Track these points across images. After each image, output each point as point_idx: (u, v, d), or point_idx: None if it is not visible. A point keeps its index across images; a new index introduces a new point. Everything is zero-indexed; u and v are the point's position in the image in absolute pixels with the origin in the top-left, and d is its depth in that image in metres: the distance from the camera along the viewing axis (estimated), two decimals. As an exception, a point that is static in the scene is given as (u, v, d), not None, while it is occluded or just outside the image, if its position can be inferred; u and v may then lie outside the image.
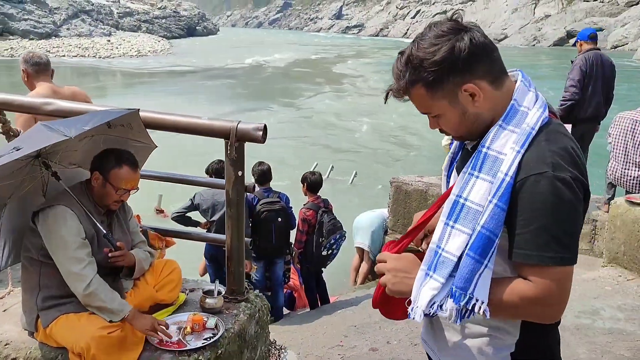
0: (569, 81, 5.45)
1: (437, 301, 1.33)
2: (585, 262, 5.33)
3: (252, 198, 4.92)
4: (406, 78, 1.34)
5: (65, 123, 2.25)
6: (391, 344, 3.55)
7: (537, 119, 1.31)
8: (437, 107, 1.37)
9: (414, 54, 1.32)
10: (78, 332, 2.22)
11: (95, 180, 2.39)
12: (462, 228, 1.31)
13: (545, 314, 1.31)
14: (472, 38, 1.29)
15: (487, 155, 1.31)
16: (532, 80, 1.42)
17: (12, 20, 45.60)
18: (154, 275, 2.70)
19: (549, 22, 60.06)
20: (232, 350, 2.60)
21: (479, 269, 1.27)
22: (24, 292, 2.43)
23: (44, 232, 2.27)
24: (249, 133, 2.63)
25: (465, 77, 1.30)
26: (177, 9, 75.72)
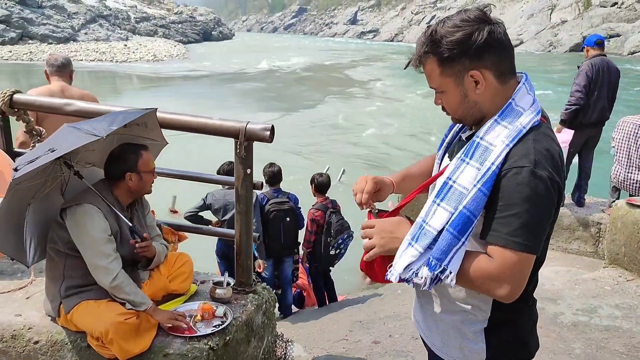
0: (575, 86, 5.53)
1: (414, 268, 1.47)
2: (590, 264, 5.42)
3: (262, 198, 5.07)
4: (424, 49, 1.48)
5: (90, 124, 2.39)
6: (393, 337, 3.69)
7: (530, 120, 1.45)
8: (443, 84, 1.50)
9: (437, 30, 1.46)
10: (97, 317, 2.38)
11: (131, 180, 2.55)
12: (446, 206, 1.45)
13: (498, 291, 1.40)
14: (491, 31, 1.42)
15: (479, 144, 1.46)
16: (534, 85, 1.56)
17: (32, 24, 46.43)
18: (168, 267, 2.86)
19: (565, 28, 59.75)
20: (240, 338, 2.74)
21: (456, 244, 1.41)
22: (49, 281, 2.60)
23: (71, 228, 2.43)
24: (257, 133, 2.78)
25: (474, 63, 1.44)
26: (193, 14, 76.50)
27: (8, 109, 3.12)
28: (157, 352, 2.47)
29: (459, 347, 1.61)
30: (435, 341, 1.69)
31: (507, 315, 1.56)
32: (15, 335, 2.61)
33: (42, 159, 2.22)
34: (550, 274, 4.78)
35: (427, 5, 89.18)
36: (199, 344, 2.51)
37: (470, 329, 1.58)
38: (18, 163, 2.31)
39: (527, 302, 1.60)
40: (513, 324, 1.58)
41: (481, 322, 1.56)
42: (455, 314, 1.60)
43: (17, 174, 2.23)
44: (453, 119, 1.62)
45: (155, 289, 2.76)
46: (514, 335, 1.59)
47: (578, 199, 5.94)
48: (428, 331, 1.73)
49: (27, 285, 3.01)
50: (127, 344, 2.36)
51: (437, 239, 1.44)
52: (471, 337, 1.58)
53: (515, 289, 1.40)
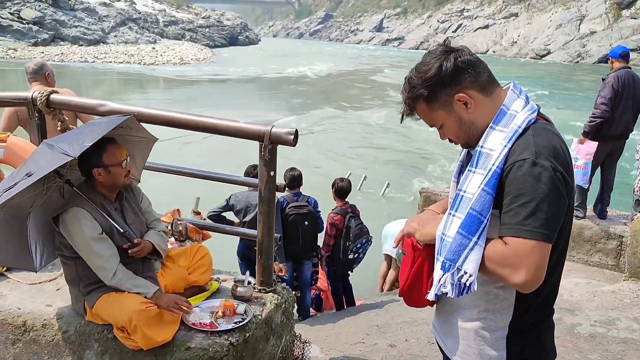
0: (600, 98, 5.50)
1: (442, 281, 1.54)
2: (610, 277, 5.39)
3: (282, 201, 5.16)
4: (409, 98, 1.62)
5: (65, 140, 2.46)
6: (409, 341, 3.73)
7: (524, 119, 1.52)
8: (437, 118, 1.62)
9: (412, 76, 1.61)
10: (120, 307, 2.49)
11: (99, 176, 2.58)
12: (459, 215, 1.52)
13: (514, 277, 1.41)
14: (457, 57, 1.55)
15: (481, 153, 1.54)
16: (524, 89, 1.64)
17: (64, 26, 47.46)
18: (187, 259, 2.96)
19: (594, 39, 59.03)
20: (259, 336, 2.82)
21: (467, 244, 1.47)
22: (68, 284, 2.71)
23: (65, 234, 2.52)
24: (281, 136, 2.87)
25: (455, 88, 1.56)
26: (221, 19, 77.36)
27: (45, 108, 3.26)
28: (180, 345, 2.56)
29: (478, 354, 1.63)
30: (454, 348, 1.71)
31: (527, 323, 1.60)
32: (46, 324, 2.72)
33: (20, 184, 2.27)
34: (569, 286, 4.78)
35: (453, 13, 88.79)
36: (219, 339, 2.59)
37: (490, 336, 1.61)
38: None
39: (547, 311, 1.64)
40: (533, 332, 1.62)
41: (502, 329, 1.60)
42: (476, 321, 1.63)
43: None
44: (462, 146, 1.70)
45: (174, 279, 2.85)
46: (533, 343, 1.62)
47: (600, 211, 5.91)
48: (446, 337, 1.75)
49: (57, 278, 3.13)
50: (150, 331, 2.45)
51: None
52: (491, 344, 1.60)
53: (531, 277, 1.40)
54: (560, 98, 27.99)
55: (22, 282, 3.05)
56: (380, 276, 6.86)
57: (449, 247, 1.52)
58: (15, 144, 3.29)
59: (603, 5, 61.71)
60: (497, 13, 79.02)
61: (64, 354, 2.69)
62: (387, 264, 6.76)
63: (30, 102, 3.31)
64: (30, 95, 3.30)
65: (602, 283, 4.93)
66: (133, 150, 2.84)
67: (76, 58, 41.53)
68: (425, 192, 6.94)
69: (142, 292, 2.55)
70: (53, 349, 2.71)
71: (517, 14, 74.01)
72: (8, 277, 3.10)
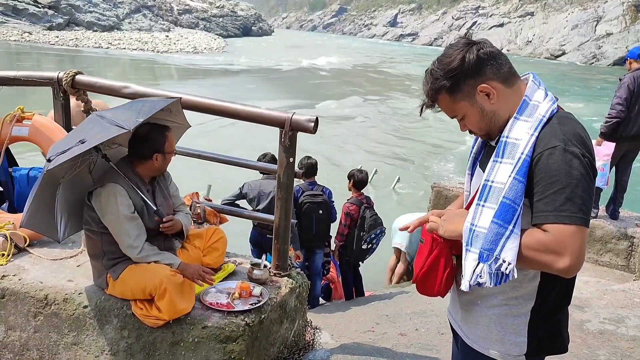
0: (616, 99, 5.49)
1: (478, 272, 1.55)
2: (620, 277, 5.40)
3: (297, 190, 5.20)
4: (432, 89, 1.63)
5: (118, 114, 2.53)
6: (419, 331, 3.77)
7: (548, 109, 1.55)
8: (460, 109, 1.64)
9: (434, 68, 1.63)
10: (150, 274, 2.56)
11: (156, 160, 2.69)
12: (490, 205, 1.54)
13: (558, 264, 1.43)
14: (479, 49, 1.58)
15: (506, 143, 1.56)
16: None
17: (79, 12, 47.71)
18: (203, 241, 3.03)
19: (610, 41, 58.51)
20: (274, 318, 2.88)
21: (503, 232, 1.48)
22: (91, 258, 2.78)
23: (98, 209, 2.60)
24: (302, 124, 2.92)
25: (477, 80, 1.58)
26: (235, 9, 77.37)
27: (70, 88, 3.33)
28: (196, 324, 2.63)
29: (500, 340, 1.65)
30: (473, 334, 1.73)
31: (549, 309, 1.63)
32: (67, 298, 2.79)
33: (73, 149, 2.36)
34: (579, 283, 4.76)
35: (468, 11, 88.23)
36: (235, 319, 2.65)
37: (512, 322, 1.64)
38: (50, 154, 2.45)
39: (567, 299, 1.67)
40: (553, 318, 1.65)
41: (524, 315, 1.62)
42: (499, 307, 1.65)
43: (50, 165, 2.38)
44: (482, 137, 1.73)
45: (189, 260, 2.90)
46: (553, 329, 1.66)
47: (612, 211, 5.91)
48: (465, 324, 1.77)
49: (77, 255, 3.20)
50: (177, 298, 2.54)
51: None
52: (513, 330, 1.63)
53: (575, 261, 1.42)
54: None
55: (44, 257, 3.12)
56: (388, 269, 6.90)
57: (484, 237, 1.53)
58: (40, 122, 3.36)
59: (620, 7, 61.08)
60: (513, 12, 78.43)
61: (84, 327, 2.76)
62: (396, 257, 6.80)
63: (55, 82, 3.38)
64: (56, 76, 3.36)
65: (612, 282, 4.95)
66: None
67: (90, 44, 41.73)
68: (437, 186, 6.96)
69: (168, 262, 2.64)
70: (73, 323, 2.78)
71: (533, 13, 73.45)
72: (30, 253, 3.17)
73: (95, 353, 2.76)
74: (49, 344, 2.83)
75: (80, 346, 2.79)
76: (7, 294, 2.86)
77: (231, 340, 2.60)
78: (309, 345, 3.41)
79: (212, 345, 2.61)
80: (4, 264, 3.03)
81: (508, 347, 1.64)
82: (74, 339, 2.79)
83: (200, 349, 2.62)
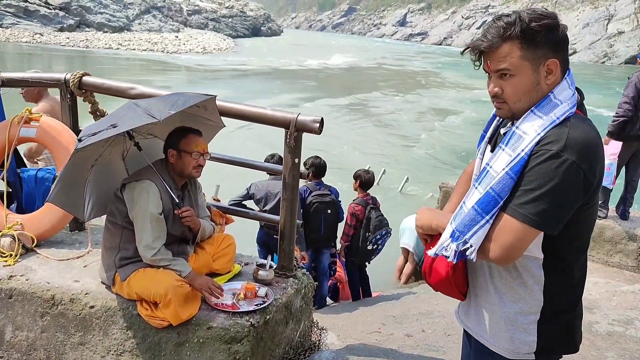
0: (623, 98, 5.44)
1: (445, 244, 1.60)
2: (630, 278, 5.34)
3: (305, 190, 5.20)
4: (511, 30, 1.49)
5: (152, 104, 2.58)
6: (426, 332, 3.76)
7: (564, 112, 1.51)
8: (520, 67, 1.51)
9: (522, 16, 1.50)
10: (157, 281, 2.58)
11: (172, 157, 2.73)
12: (480, 188, 1.56)
13: (489, 252, 1.52)
14: (565, 28, 1.53)
15: (514, 133, 1.54)
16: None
17: (89, 13, 48.04)
18: (214, 246, 3.03)
19: (622, 39, 58.03)
20: (279, 319, 2.88)
21: (479, 220, 1.51)
22: (105, 250, 2.80)
23: (128, 202, 2.64)
24: (307, 124, 2.91)
25: (553, 53, 1.52)
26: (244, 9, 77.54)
27: (77, 89, 3.35)
28: (202, 324, 2.63)
29: (509, 338, 1.64)
30: (483, 332, 1.72)
31: (559, 309, 1.62)
32: (73, 299, 2.81)
33: (103, 132, 2.43)
34: (588, 285, 4.70)
35: (478, 10, 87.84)
36: (240, 320, 2.65)
37: (523, 321, 1.62)
38: (82, 134, 2.54)
39: (577, 298, 1.67)
40: (564, 317, 1.64)
41: (534, 314, 1.62)
42: (509, 306, 1.64)
43: (80, 144, 2.46)
44: (505, 111, 1.61)
45: (199, 265, 2.92)
46: (563, 328, 1.65)
47: (622, 212, 5.85)
48: (476, 324, 1.75)
49: (84, 255, 3.22)
50: (180, 308, 2.55)
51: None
52: (523, 329, 1.62)
53: (504, 253, 1.49)
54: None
55: (51, 258, 3.14)
56: (396, 269, 6.88)
57: (462, 218, 1.56)
58: (48, 124, 3.38)
59: (632, 5, 60.55)
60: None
61: (90, 328, 2.78)
62: (404, 257, 6.78)
63: (63, 83, 3.40)
64: (63, 77, 3.38)
65: (621, 283, 4.91)
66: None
67: (100, 45, 41.99)
68: (445, 186, 6.93)
69: (179, 269, 2.64)
70: (80, 323, 2.79)
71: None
72: (38, 253, 3.20)
73: (101, 353, 2.78)
74: (55, 344, 2.85)
75: (87, 346, 2.80)
76: (15, 294, 2.89)
77: (236, 341, 2.61)
78: (315, 346, 3.41)
79: (217, 346, 2.61)
80: (12, 264, 3.05)
81: (517, 346, 1.64)
82: (80, 339, 2.81)
83: (205, 349, 2.62)
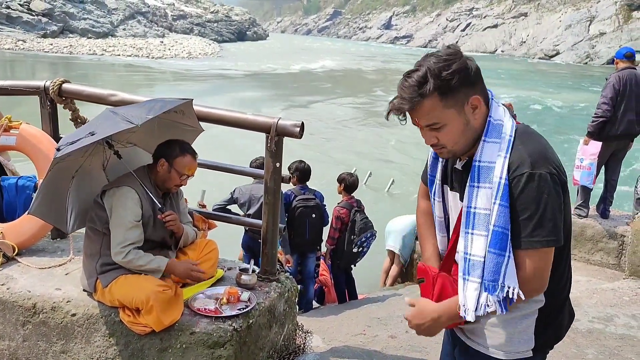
0: (602, 98, 5.54)
1: (483, 301, 1.57)
2: (611, 276, 5.43)
3: (289, 194, 5.22)
4: (426, 87, 1.49)
5: (130, 110, 2.60)
6: (409, 333, 3.77)
7: (511, 127, 1.58)
8: (445, 117, 1.54)
9: (431, 67, 1.50)
10: (138, 287, 2.58)
11: (161, 167, 2.75)
12: (479, 232, 1.57)
13: (534, 293, 1.58)
14: (473, 61, 1.56)
15: (480, 167, 1.57)
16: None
17: (73, 19, 47.66)
18: (196, 252, 3.04)
19: (603, 40, 58.69)
20: (262, 323, 2.89)
21: (502, 260, 1.52)
22: (86, 257, 2.79)
23: (108, 208, 2.64)
24: (288, 129, 2.93)
25: (471, 90, 1.56)
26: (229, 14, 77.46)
27: (57, 97, 3.34)
28: (184, 329, 2.64)
29: (508, 341, 1.66)
30: (479, 337, 1.71)
31: (555, 307, 1.68)
32: (55, 307, 2.80)
33: (82, 141, 2.43)
34: (569, 283, 4.81)
35: (462, 12, 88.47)
36: (223, 325, 2.66)
37: (523, 323, 1.65)
38: (60, 143, 2.53)
39: (568, 293, 1.73)
40: (558, 315, 1.70)
41: (532, 315, 1.65)
42: (510, 313, 1.62)
43: (58, 153, 2.45)
44: (446, 153, 1.64)
45: None
46: (557, 325, 1.71)
47: (603, 211, 5.94)
48: (471, 329, 1.74)
49: (66, 263, 3.21)
50: (163, 314, 2.55)
51: (485, 264, 1.56)
52: (522, 329, 1.65)
53: (542, 282, 1.56)
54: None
55: (33, 266, 3.13)
56: (383, 271, 6.92)
57: (481, 266, 1.56)
58: (28, 132, 3.37)
59: (613, 7, 61.30)
60: (507, 12, 78.64)
61: (72, 336, 2.77)
62: (390, 259, 6.82)
63: (42, 91, 3.39)
64: (43, 85, 3.37)
65: (602, 281, 4.98)
66: (178, 137, 2.93)
67: (85, 50, 41.69)
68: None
69: (155, 266, 2.66)
70: (62, 331, 2.79)
71: (527, 13, 73.66)
72: (19, 262, 3.18)
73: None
74: (37, 353, 2.84)
75: (69, 354, 2.79)
76: (-4, 303, 2.87)
77: (219, 345, 2.61)
78: (300, 349, 3.42)
79: (200, 351, 2.62)
80: (-7, 273, 3.03)
81: (516, 345, 1.66)
82: (62, 347, 2.80)
83: (189, 354, 2.63)
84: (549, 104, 26.57)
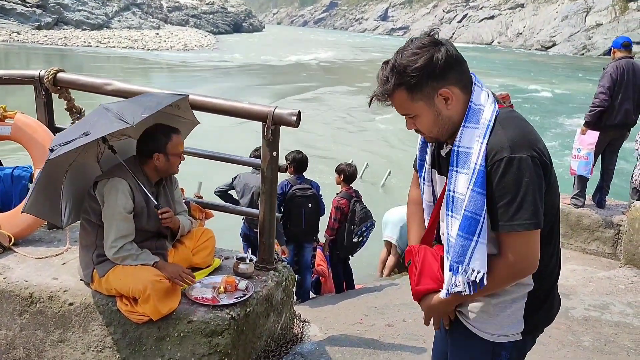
0: (599, 88, 5.53)
1: (452, 281, 1.61)
2: (607, 265, 5.45)
3: (286, 184, 5.22)
4: (391, 82, 1.56)
5: (124, 108, 2.57)
6: (406, 322, 3.80)
7: (492, 113, 1.58)
8: (415, 109, 1.60)
9: (398, 62, 1.55)
10: (135, 277, 2.58)
11: (158, 161, 2.73)
12: (455, 215, 1.60)
13: (522, 276, 1.59)
14: (447, 50, 1.54)
15: (459, 152, 1.59)
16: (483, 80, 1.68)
17: (67, 10, 47.29)
18: (193, 240, 3.04)
19: (600, 31, 58.63)
20: (260, 311, 2.90)
21: (469, 244, 1.54)
22: (82, 249, 2.79)
23: (100, 199, 2.64)
24: (284, 117, 2.93)
25: (441, 83, 1.56)
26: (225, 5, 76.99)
27: (52, 86, 3.32)
28: (182, 318, 2.64)
29: (497, 323, 1.68)
30: (472, 319, 1.73)
31: (544, 290, 1.69)
32: (52, 296, 2.80)
33: (76, 141, 2.41)
34: (565, 272, 4.84)
35: (459, 3, 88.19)
36: (221, 313, 2.67)
37: (512, 306, 1.67)
38: (54, 144, 2.50)
39: (557, 276, 1.74)
40: (546, 299, 1.71)
41: (522, 298, 1.67)
42: (500, 296, 1.66)
43: (52, 154, 2.42)
44: (428, 139, 1.71)
45: (179, 259, 2.93)
46: (547, 309, 1.72)
47: (599, 200, 5.95)
48: (464, 310, 1.75)
49: (63, 253, 3.21)
50: (160, 303, 2.55)
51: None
52: (511, 313, 1.66)
53: (529, 263, 1.56)
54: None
55: (29, 256, 3.12)
56: (380, 262, 6.93)
57: (453, 250, 1.59)
58: (23, 121, 3.35)
59: (610, -3, 61.28)
60: (503, 4, 78.43)
61: (70, 325, 2.77)
62: (387, 249, 6.82)
63: (37, 80, 3.37)
64: (37, 74, 3.36)
65: (598, 270, 5.00)
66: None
67: (79, 42, 41.39)
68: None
69: (144, 263, 2.65)
70: (59, 321, 2.79)
71: (523, 4, 73.47)
72: (16, 252, 3.18)
73: (81, 350, 2.77)
74: (35, 342, 2.84)
75: (67, 343, 2.80)
76: (-7, 293, 2.87)
77: (217, 334, 2.62)
78: (297, 338, 3.43)
79: (198, 340, 2.62)
80: (-11, 264, 3.03)
81: (507, 329, 1.68)
82: (60, 337, 2.80)
83: (186, 343, 2.63)
84: (541, 92, 26.63)
